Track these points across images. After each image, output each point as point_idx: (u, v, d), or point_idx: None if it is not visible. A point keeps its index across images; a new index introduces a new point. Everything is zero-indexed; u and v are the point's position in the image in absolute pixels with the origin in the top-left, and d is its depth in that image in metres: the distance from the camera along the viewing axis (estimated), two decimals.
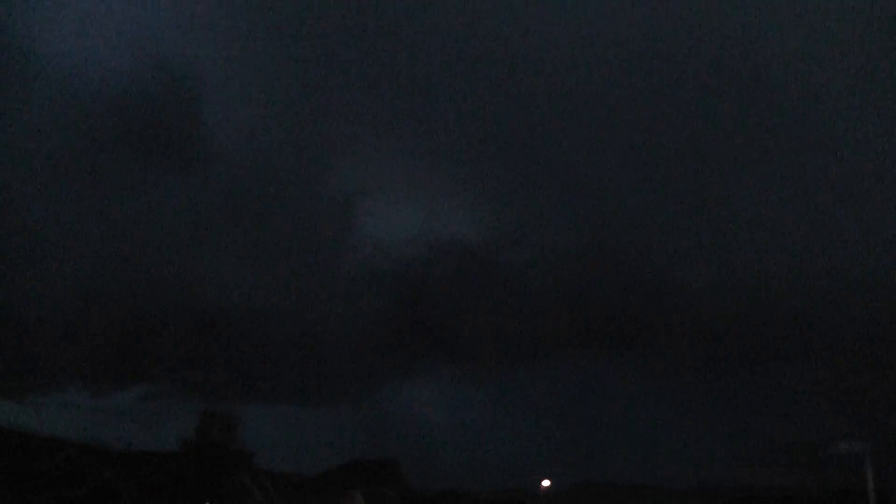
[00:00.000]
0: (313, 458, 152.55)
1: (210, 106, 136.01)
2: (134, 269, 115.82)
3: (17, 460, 42.87)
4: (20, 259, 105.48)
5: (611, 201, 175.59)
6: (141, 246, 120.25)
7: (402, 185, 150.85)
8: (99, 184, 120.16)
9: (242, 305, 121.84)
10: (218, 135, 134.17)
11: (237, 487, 50.74)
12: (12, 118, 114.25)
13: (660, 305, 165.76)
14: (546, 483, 71.05)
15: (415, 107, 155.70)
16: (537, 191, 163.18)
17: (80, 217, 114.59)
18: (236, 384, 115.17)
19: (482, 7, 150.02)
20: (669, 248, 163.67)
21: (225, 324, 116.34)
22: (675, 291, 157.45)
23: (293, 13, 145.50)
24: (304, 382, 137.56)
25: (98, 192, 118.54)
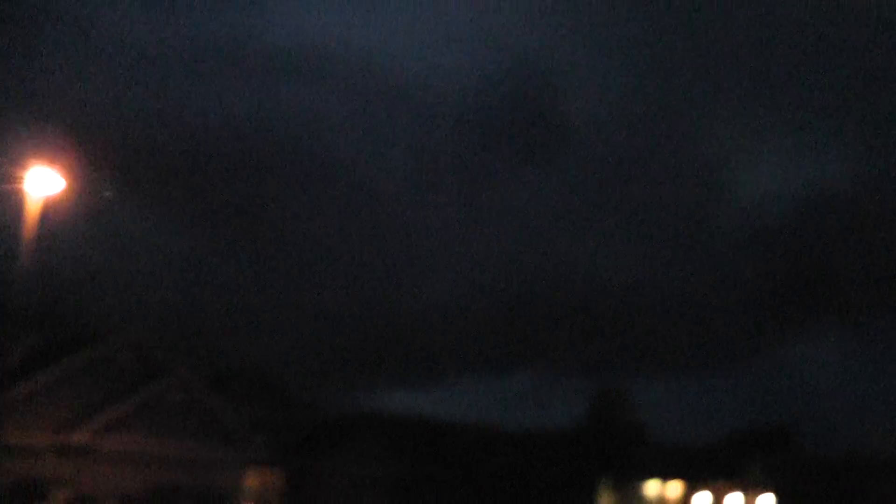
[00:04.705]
0: (705, 427, 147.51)
1: (568, 94, 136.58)
2: (516, 260, 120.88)
3: (428, 445, 45.56)
4: (413, 264, 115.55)
5: None
6: (519, 237, 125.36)
7: (771, 140, 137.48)
8: (472, 185, 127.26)
9: (623, 282, 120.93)
10: (578, 121, 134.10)
11: (635, 461, 49.26)
12: (387, 140, 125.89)
13: None
14: None
15: (777, 60, 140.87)
16: None
17: (460, 218, 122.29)
18: (624, 360, 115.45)
19: None
20: None
21: (608, 302, 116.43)
22: None
23: None
24: (689, 352, 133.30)
25: (473, 193, 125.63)
